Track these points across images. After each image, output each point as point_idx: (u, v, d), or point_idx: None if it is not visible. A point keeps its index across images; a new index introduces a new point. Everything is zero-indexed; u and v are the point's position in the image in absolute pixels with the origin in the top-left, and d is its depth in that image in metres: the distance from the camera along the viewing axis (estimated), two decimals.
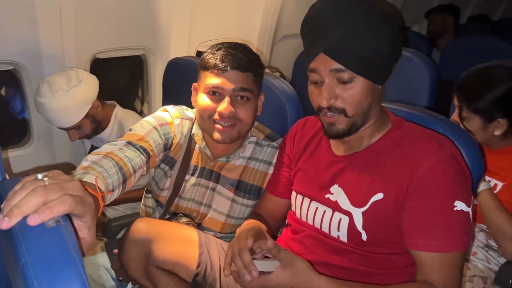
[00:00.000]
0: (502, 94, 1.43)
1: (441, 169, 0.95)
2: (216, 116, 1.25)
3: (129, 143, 1.22)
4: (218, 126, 1.26)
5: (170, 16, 2.10)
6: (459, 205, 0.94)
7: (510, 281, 1.38)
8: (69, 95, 1.74)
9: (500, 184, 1.50)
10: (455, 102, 1.53)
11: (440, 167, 0.95)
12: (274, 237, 1.26)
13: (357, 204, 1.04)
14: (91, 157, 1.08)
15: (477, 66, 1.62)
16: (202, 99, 1.27)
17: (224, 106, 1.23)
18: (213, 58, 1.24)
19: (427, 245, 0.96)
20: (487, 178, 1.51)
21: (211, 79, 1.25)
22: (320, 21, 1.00)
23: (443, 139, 1.00)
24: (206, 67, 1.26)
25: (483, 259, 1.54)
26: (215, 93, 1.25)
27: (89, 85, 1.81)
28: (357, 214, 1.03)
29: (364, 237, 1.03)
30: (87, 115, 1.83)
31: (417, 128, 1.06)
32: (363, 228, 1.03)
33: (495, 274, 1.45)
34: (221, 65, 1.23)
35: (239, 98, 1.25)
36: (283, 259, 0.96)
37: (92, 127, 1.89)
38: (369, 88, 1.00)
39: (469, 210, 0.96)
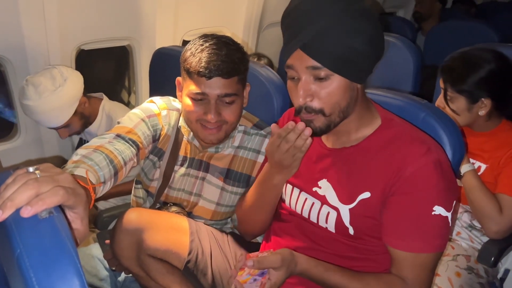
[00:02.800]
0: (485, 75, 1.47)
1: (424, 174, 0.96)
2: (203, 122, 1.27)
3: (118, 136, 1.23)
4: (205, 129, 1.28)
5: (155, 5, 2.08)
6: (438, 210, 0.97)
7: (492, 259, 1.43)
8: (56, 95, 1.72)
9: (483, 166, 1.55)
10: (441, 84, 1.56)
11: (424, 172, 0.96)
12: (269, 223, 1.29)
13: (344, 201, 1.05)
14: (81, 151, 1.09)
15: (461, 49, 1.65)
16: (187, 103, 1.27)
17: (210, 115, 1.24)
18: (196, 63, 1.21)
19: (402, 244, 0.99)
20: (471, 160, 1.55)
21: (195, 86, 1.24)
22: (298, 16, 0.97)
23: (432, 144, 1.01)
24: (189, 72, 1.24)
25: (466, 239, 1.58)
26: (200, 99, 1.25)
27: (75, 83, 1.79)
28: (345, 211, 1.05)
29: (351, 231, 1.06)
30: (75, 113, 1.81)
31: (408, 129, 1.05)
32: (350, 224, 1.05)
33: (478, 252, 1.51)
34: (205, 72, 1.20)
35: (224, 101, 1.26)
36: (273, 265, 1.02)
37: (81, 123, 1.88)
38: (346, 86, 0.98)
39: (448, 214, 0.98)
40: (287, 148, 1.05)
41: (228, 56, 1.22)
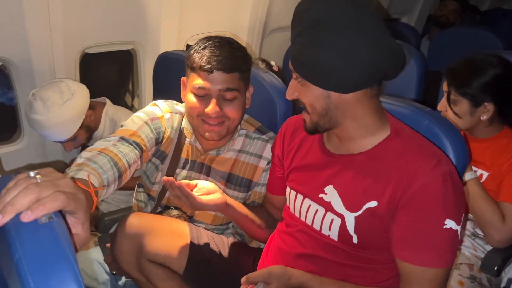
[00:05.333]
0: (490, 79, 1.47)
1: (435, 187, 0.95)
2: (204, 116, 1.27)
3: (122, 138, 1.23)
4: (206, 125, 1.28)
5: (159, 10, 2.09)
6: (449, 224, 0.95)
7: (496, 268, 1.42)
8: (64, 109, 1.73)
9: (485, 174, 1.53)
10: (444, 87, 1.56)
11: (434, 184, 0.95)
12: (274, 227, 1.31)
13: (350, 208, 1.05)
14: (85, 154, 1.09)
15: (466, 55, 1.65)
16: (190, 98, 1.28)
17: (210, 107, 1.25)
18: (198, 58, 1.24)
19: (411, 258, 0.98)
20: (473, 168, 1.54)
21: (197, 81, 1.25)
22: (292, 19, 1.03)
23: (441, 156, 1.00)
24: (192, 67, 1.26)
25: (469, 247, 1.57)
26: (202, 94, 1.26)
27: (82, 96, 1.80)
28: (350, 218, 1.04)
29: (355, 240, 1.04)
30: (81, 126, 1.83)
31: (416, 139, 1.05)
32: (355, 232, 1.04)
33: (481, 261, 1.49)
34: (206, 67, 1.23)
35: (226, 97, 1.26)
36: (261, 278, 1.06)
37: (87, 136, 1.90)
38: (319, 93, 1.01)
39: (458, 228, 0.97)
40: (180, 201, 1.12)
41: (229, 53, 1.25)
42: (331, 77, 0.98)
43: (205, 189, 1.16)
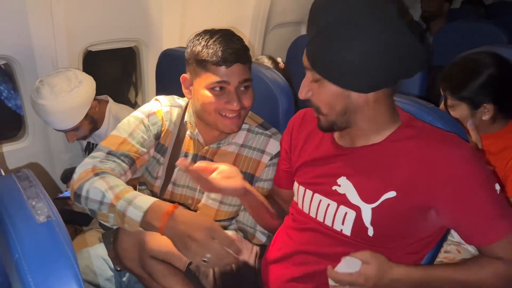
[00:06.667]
0: (486, 80, 1.45)
1: (470, 165, 0.95)
2: (223, 111, 1.27)
3: (109, 153, 1.25)
4: (226, 119, 1.28)
5: (161, 7, 2.09)
6: (497, 187, 0.98)
7: None
8: (71, 96, 1.75)
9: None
10: (442, 92, 1.55)
11: (469, 164, 0.95)
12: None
13: (367, 199, 1.02)
14: (104, 183, 1.13)
15: (461, 54, 1.63)
16: (206, 95, 1.27)
17: (234, 104, 1.25)
18: (212, 53, 1.22)
19: (491, 238, 0.97)
20: None
21: (214, 76, 1.24)
22: (310, 13, 1.00)
23: (456, 138, 1.01)
24: (204, 63, 1.24)
25: None
26: (221, 88, 1.26)
27: (89, 85, 1.82)
28: (367, 210, 1.02)
29: (370, 232, 1.02)
30: (86, 116, 1.84)
31: (429, 128, 1.05)
32: (371, 224, 1.02)
33: None
34: (226, 60, 1.22)
35: (242, 88, 1.28)
36: (361, 255, 0.98)
37: (90, 128, 1.91)
38: (339, 93, 0.99)
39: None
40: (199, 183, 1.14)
41: (239, 44, 1.27)
42: (354, 77, 0.96)
43: (226, 173, 1.15)
